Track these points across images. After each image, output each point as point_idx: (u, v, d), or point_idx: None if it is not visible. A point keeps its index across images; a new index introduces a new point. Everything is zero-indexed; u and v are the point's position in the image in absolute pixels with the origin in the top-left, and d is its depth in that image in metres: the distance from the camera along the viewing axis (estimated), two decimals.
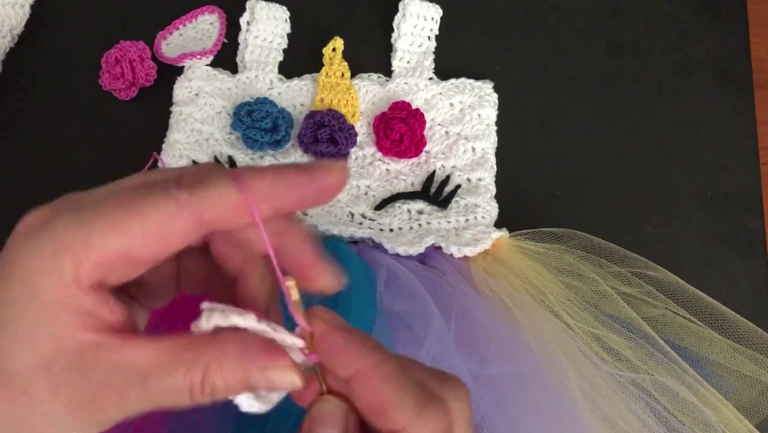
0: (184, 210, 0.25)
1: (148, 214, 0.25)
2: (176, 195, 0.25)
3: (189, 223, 0.25)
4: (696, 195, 0.58)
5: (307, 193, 0.27)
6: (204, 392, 0.25)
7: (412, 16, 0.61)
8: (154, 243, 0.25)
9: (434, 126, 0.59)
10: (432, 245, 0.54)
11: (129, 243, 0.25)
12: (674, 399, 0.47)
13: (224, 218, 0.26)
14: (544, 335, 0.48)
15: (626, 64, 0.62)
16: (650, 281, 0.51)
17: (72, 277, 0.25)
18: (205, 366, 0.25)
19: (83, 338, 0.25)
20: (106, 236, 0.24)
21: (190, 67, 0.61)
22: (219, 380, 0.25)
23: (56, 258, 0.24)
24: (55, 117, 0.61)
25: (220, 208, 0.25)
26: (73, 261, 0.24)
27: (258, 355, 0.26)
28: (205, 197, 0.25)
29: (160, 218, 0.25)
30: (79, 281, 0.25)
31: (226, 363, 0.25)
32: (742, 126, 0.60)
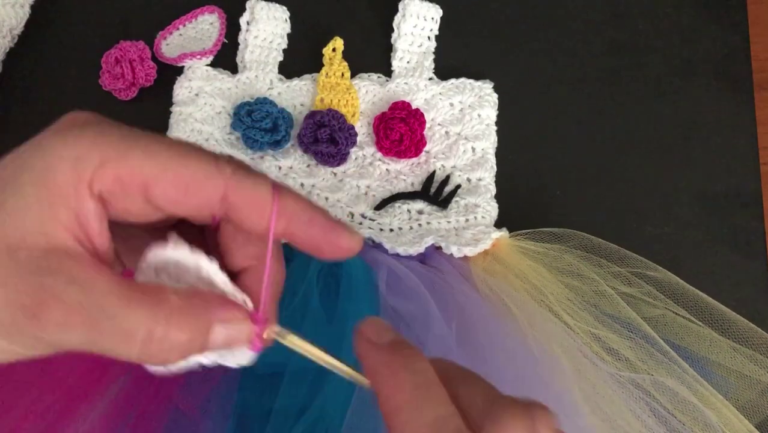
0: (221, 179, 0.25)
1: (189, 163, 0.25)
2: (222, 165, 0.26)
3: (217, 192, 0.25)
4: (696, 195, 0.58)
5: (320, 240, 0.27)
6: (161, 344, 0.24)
7: (412, 16, 0.61)
8: (178, 190, 0.25)
9: (434, 126, 0.59)
10: (432, 245, 0.54)
11: (158, 176, 0.25)
12: (674, 399, 0.47)
13: (245, 207, 0.26)
14: (544, 334, 0.48)
15: (626, 64, 0.62)
16: (650, 281, 0.51)
17: (89, 176, 0.24)
18: (168, 314, 0.24)
19: (59, 239, 0.24)
20: (143, 158, 0.25)
21: (190, 67, 0.61)
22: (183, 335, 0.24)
23: (88, 151, 0.24)
24: (55, 117, 0.61)
25: (249, 198, 0.26)
26: (100, 162, 0.24)
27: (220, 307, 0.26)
28: (243, 181, 0.26)
29: (198, 172, 0.25)
30: (93, 184, 0.24)
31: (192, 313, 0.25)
32: (742, 126, 0.60)
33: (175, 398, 0.45)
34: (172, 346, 0.24)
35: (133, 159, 0.25)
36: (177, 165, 0.25)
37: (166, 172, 0.25)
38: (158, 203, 0.26)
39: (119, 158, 0.24)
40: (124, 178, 0.25)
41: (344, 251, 0.27)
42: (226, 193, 0.26)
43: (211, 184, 0.25)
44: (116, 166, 0.24)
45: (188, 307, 0.25)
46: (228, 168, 0.26)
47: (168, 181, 0.25)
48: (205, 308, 0.25)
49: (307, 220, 0.27)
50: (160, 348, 0.24)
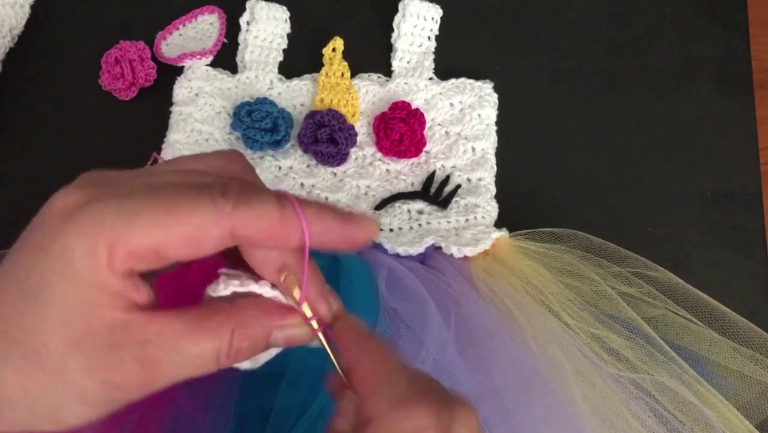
0: (224, 221, 0.26)
1: (190, 218, 0.25)
2: (220, 205, 0.26)
3: (225, 234, 0.26)
4: (696, 195, 0.58)
5: (338, 238, 0.28)
6: (230, 356, 0.27)
7: (412, 16, 0.61)
8: (188, 245, 0.26)
9: (434, 126, 0.59)
10: (432, 245, 0.54)
11: (165, 241, 0.25)
12: (674, 399, 0.47)
13: (259, 236, 0.27)
14: (544, 334, 0.48)
15: (626, 64, 0.62)
16: (650, 281, 0.51)
17: (106, 261, 0.25)
18: (231, 331, 0.27)
19: (114, 317, 0.26)
20: (146, 230, 0.25)
21: (190, 67, 0.61)
22: (244, 343, 0.27)
23: (95, 241, 0.25)
24: (55, 117, 0.61)
25: (259, 228, 0.26)
26: (109, 247, 0.25)
27: (276, 315, 0.28)
28: (247, 214, 0.26)
29: (200, 224, 0.25)
30: (113, 266, 0.25)
31: (250, 326, 0.28)
32: (742, 126, 0.60)
33: (177, 398, 0.45)
34: (239, 353, 0.28)
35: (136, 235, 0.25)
36: (176, 226, 0.25)
37: (171, 236, 0.25)
38: (174, 259, 0.26)
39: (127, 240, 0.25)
40: (136, 253, 0.25)
41: (362, 243, 0.28)
42: (232, 232, 0.26)
43: (215, 229, 0.26)
44: (124, 247, 0.25)
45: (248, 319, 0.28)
46: (227, 205, 0.26)
47: (175, 242, 0.26)
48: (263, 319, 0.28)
49: (321, 226, 0.27)
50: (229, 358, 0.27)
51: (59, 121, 0.61)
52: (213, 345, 0.27)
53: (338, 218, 0.28)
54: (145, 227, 0.25)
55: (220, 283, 0.29)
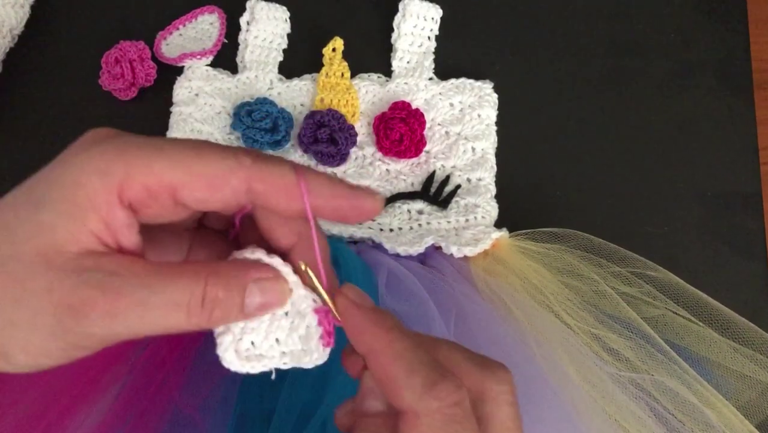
0: (243, 171, 0.26)
1: (211, 162, 0.26)
2: (241, 157, 0.27)
3: (241, 184, 0.27)
4: (696, 195, 0.58)
5: (345, 207, 0.28)
6: (204, 307, 0.26)
7: (412, 16, 0.61)
8: (205, 190, 0.26)
9: (434, 126, 0.59)
10: (432, 245, 0.54)
11: (183, 180, 0.26)
12: (674, 399, 0.47)
13: (272, 193, 0.27)
14: (544, 334, 0.48)
15: (626, 64, 0.62)
16: (650, 281, 0.51)
17: (116, 188, 0.25)
18: (206, 278, 0.26)
19: (91, 245, 0.26)
20: (167, 165, 0.26)
21: (190, 67, 0.61)
22: (220, 292, 0.26)
23: (114, 165, 0.25)
24: (55, 117, 0.61)
25: (274, 184, 0.27)
26: (126, 174, 0.25)
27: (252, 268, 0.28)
28: (265, 170, 0.27)
29: (220, 168, 0.26)
30: (122, 195, 0.26)
31: (224, 275, 0.27)
32: (742, 126, 0.60)
33: (176, 398, 0.45)
34: (214, 304, 0.26)
35: (158, 167, 0.26)
36: (199, 166, 0.26)
37: (190, 175, 0.26)
38: (186, 203, 0.27)
39: (144, 168, 0.26)
40: (152, 187, 0.26)
41: (369, 213, 0.29)
42: (249, 184, 0.27)
43: (235, 178, 0.26)
44: (142, 176, 0.26)
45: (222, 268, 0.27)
46: (248, 159, 0.27)
47: (193, 183, 0.26)
48: (240, 269, 0.27)
49: (330, 192, 0.28)
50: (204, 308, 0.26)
51: (59, 121, 0.61)
52: (184, 292, 0.26)
53: (347, 186, 0.28)
54: (168, 162, 0.26)
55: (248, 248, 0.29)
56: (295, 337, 0.29)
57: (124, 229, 0.26)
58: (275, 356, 0.29)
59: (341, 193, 0.28)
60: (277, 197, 0.27)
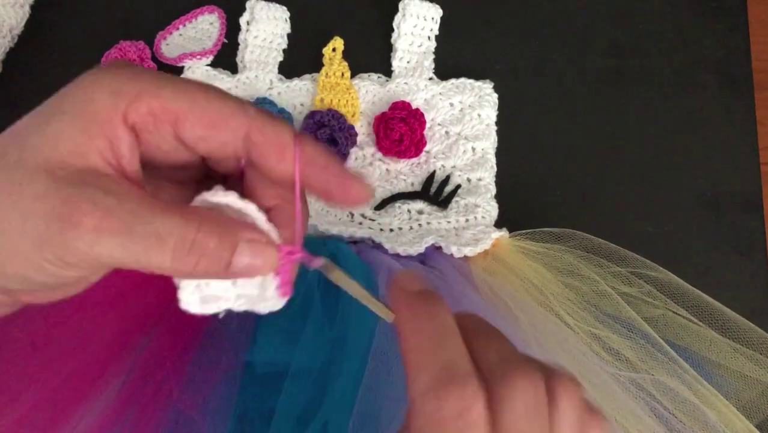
0: (245, 118, 0.27)
1: (216, 102, 0.27)
2: (246, 106, 0.28)
3: (241, 129, 0.27)
4: (696, 195, 0.58)
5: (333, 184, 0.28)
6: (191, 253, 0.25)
7: (412, 16, 0.61)
8: (205, 125, 0.27)
9: (434, 126, 0.59)
10: (432, 245, 0.54)
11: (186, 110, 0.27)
12: (674, 399, 0.47)
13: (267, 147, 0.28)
14: (544, 334, 0.48)
15: (626, 64, 0.62)
16: (650, 281, 0.51)
17: (124, 107, 0.26)
18: (198, 224, 0.26)
19: (95, 163, 0.26)
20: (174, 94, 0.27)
21: (190, 67, 0.61)
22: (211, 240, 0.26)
23: (125, 86, 0.26)
24: None
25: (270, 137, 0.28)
26: (135, 95, 0.26)
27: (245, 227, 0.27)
28: (266, 122, 0.28)
29: (223, 109, 0.27)
30: (126, 115, 0.26)
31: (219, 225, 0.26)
32: (742, 126, 0.60)
33: (175, 398, 0.45)
34: (202, 252, 0.26)
35: (165, 94, 0.26)
36: (205, 101, 0.27)
37: (194, 108, 0.27)
38: (186, 138, 0.27)
39: (153, 93, 0.26)
40: (157, 112, 0.26)
41: (354, 197, 0.29)
42: (249, 132, 0.27)
43: (236, 121, 0.27)
44: (150, 100, 0.26)
45: (217, 219, 0.27)
46: (252, 110, 0.28)
47: (196, 116, 0.27)
48: (233, 226, 0.27)
49: (323, 164, 0.28)
50: (190, 254, 0.26)
51: None
52: (174, 228, 0.25)
53: (341, 165, 0.29)
54: (173, 93, 0.27)
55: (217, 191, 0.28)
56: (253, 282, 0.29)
57: (125, 150, 0.27)
58: (230, 297, 0.29)
59: (333, 169, 0.28)
60: (270, 151, 0.28)
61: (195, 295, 0.28)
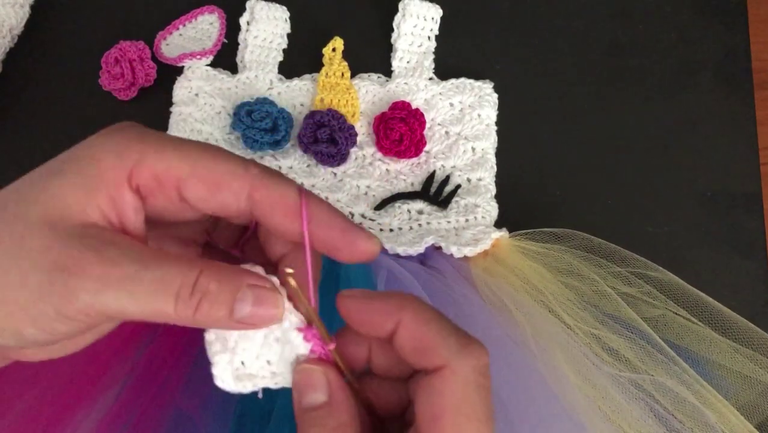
0: (247, 177, 0.28)
1: (218, 163, 0.28)
2: (248, 165, 0.28)
3: (243, 189, 0.28)
4: (696, 195, 0.58)
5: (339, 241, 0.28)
6: (193, 296, 0.26)
7: (412, 16, 0.61)
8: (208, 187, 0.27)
9: (434, 126, 0.59)
10: (432, 245, 0.54)
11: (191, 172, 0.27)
12: (674, 399, 0.47)
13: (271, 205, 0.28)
14: (544, 335, 0.48)
15: (626, 64, 0.62)
16: (650, 281, 0.51)
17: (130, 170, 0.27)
18: (201, 267, 0.26)
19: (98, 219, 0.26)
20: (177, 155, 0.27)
21: (189, 67, 0.61)
22: (212, 284, 0.26)
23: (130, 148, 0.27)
24: (55, 117, 0.61)
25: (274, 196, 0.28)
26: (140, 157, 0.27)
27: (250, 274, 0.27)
28: (269, 181, 0.28)
29: (226, 170, 0.27)
30: (131, 177, 0.27)
31: (222, 270, 0.27)
32: (742, 126, 0.60)
33: (176, 398, 0.45)
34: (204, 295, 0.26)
35: (168, 157, 0.27)
36: (207, 163, 0.27)
37: (196, 170, 0.27)
38: (190, 199, 0.28)
39: (156, 156, 0.27)
40: (160, 175, 0.27)
41: (362, 254, 0.28)
42: (251, 191, 0.27)
43: (238, 181, 0.27)
44: (153, 163, 0.27)
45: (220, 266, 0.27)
46: (255, 169, 0.28)
47: (198, 178, 0.27)
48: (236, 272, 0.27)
49: (328, 221, 0.28)
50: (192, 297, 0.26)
51: (59, 121, 0.61)
52: (176, 275, 0.25)
53: (347, 221, 0.29)
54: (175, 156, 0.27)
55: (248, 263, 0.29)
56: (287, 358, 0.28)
57: (130, 212, 0.27)
58: (266, 376, 0.28)
59: (339, 225, 0.28)
60: (274, 210, 0.28)
61: (228, 371, 0.28)
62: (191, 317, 0.26)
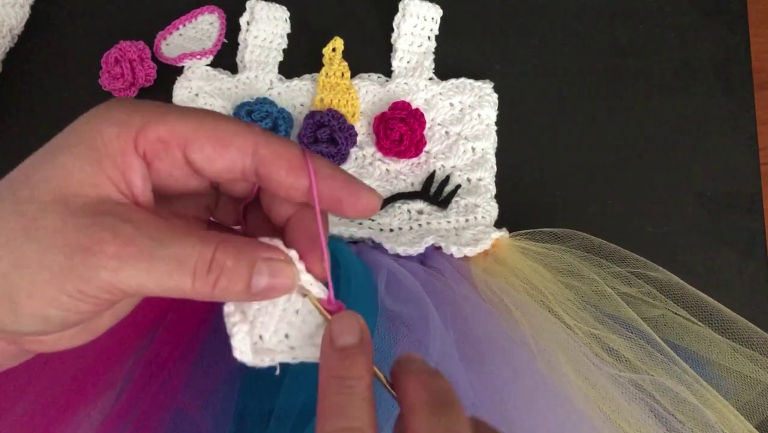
0: (251, 135, 0.28)
1: (220, 122, 0.28)
2: (251, 125, 0.28)
3: (248, 145, 0.28)
4: (696, 195, 0.58)
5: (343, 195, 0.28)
6: (210, 272, 0.26)
7: (412, 16, 0.61)
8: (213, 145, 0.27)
9: (434, 126, 0.59)
10: (432, 245, 0.54)
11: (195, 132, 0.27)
12: (674, 399, 0.47)
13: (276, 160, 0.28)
14: (543, 335, 0.48)
15: (626, 65, 0.62)
16: (650, 281, 0.51)
17: (134, 136, 0.27)
18: (217, 243, 0.26)
19: (110, 193, 0.26)
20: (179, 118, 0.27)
21: (189, 67, 0.61)
22: (228, 260, 0.26)
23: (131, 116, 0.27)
24: (55, 117, 0.61)
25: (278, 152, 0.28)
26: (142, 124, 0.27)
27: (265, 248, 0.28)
28: (272, 138, 0.28)
29: (229, 128, 0.28)
30: (137, 143, 0.27)
31: (237, 245, 0.27)
32: (742, 126, 0.60)
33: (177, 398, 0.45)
34: (221, 271, 0.26)
35: (171, 121, 0.27)
36: (210, 123, 0.27)
37: (201, 129, 0.27)
38: (196, 160, 0.28)
39: (159, 121, 0.27)
40: (165, 137, 0.27)
41: (364, 206, 0.29)
42: (256, 148, 0.28)
43: (242, 138, 0.28)
44: (157, 127, 0.27)
45: (235, 240, 0.27)
46: (257, 128, 0.28)
47: (203, 137, 0.27)
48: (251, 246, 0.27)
49: (330, 177, 0.28)
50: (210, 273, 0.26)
51: (59, 121, 0.60)
52: (192, 251, 0.26)
53: (349, 176, 0.29)
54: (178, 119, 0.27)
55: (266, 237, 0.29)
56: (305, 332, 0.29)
57: (138, 180, 0.27)
58: (285, 350, 0.29)
59: (342, 180, 0.28)
60: (279, 166, 0.28)
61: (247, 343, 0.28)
62: (209, 292, 0.26)
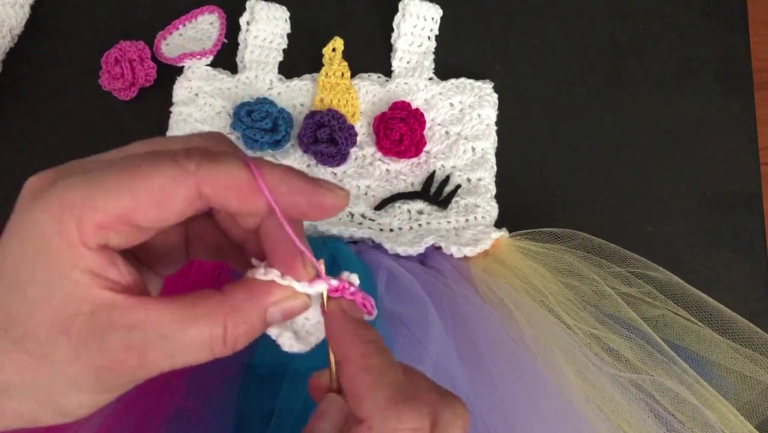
0: (188, 179, 0.25)
1: (152, 179, 0.25)
2: (183, 163, 0.25)
3: (190, 193, 0.25)
4: (696, 195, 0.58)
5: (304, 204, 0.27)
6: (227, 344, 0.26)
7: (412, 16, 0.61)
8: (155, 208, 0.25)
9: (434, 126, 0.59)
10: (432, 245, 0.54)
11: (131, 206, 0.25)
12: (674, 399, 0.47)
13: (225, 195, 0.26)
14: (543, 335, 0.48)
15: (626, 65, 0.62)
16: (650, 281, 0.51)
17: (77, 236, 0.25)
18: (224, 319, 0.26)
19: (97, 297, 0.25)
20: (109, 197, 0.25)
21: (189, 67, 0.61)
22: (240, 328, 0.26)
23: (62, 217, 0.25)
24: (55, 117, 0.61)
25: (224, 185, 0.26)
26: (77, 221, 0.25)
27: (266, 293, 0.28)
28: (211, 172, 0.25)
29: (163, 184, 0.25)
30: (85, 241, 0.25)
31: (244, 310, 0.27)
32: (742, 126, 0.60)
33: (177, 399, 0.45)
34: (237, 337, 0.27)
35: (101, 203, 0.25)
36: (142, 186, 0.25)
37: (136, 199, 0.25)
38: (144, 226, 0.26)
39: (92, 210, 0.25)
40: (105, 223, 0.25)
41: (329, 210, 0.27)
42: (200, 190, 0.25)
43: (182, 188, 0.25)
44: (92, 218, 0.25)
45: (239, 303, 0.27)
46: (191, 164, 0.25)
47: (141, 205, 0.25)
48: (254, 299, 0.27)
49: (287, 188, 0.26)
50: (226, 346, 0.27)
51: (59, 121, 0.61)
52: (204, 333, 0.26)
53: (307, 181, 0.27)
54: (108, 193, 0.25)
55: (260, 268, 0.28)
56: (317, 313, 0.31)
57: (109, 268, 0.26)
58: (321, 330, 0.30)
59: (300, 189, 0.26)
60: (228, 198, 0.26)
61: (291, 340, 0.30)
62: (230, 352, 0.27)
